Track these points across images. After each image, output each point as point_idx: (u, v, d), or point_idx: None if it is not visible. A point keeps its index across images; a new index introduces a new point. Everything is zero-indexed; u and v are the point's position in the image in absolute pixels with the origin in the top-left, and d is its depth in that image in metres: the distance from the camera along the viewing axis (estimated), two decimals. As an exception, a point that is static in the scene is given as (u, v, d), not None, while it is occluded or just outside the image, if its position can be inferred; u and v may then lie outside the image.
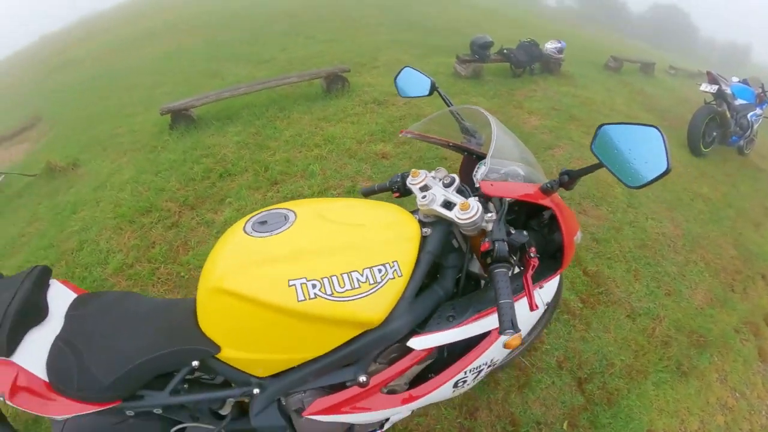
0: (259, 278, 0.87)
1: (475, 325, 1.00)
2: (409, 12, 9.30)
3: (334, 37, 7.25)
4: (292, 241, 0.92)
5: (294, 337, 0.90)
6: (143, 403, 1.00)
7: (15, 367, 0.96)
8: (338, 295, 0.85)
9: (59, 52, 11.50)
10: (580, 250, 2.50)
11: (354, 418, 1.03)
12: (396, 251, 0.94)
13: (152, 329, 1.01)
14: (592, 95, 5.12)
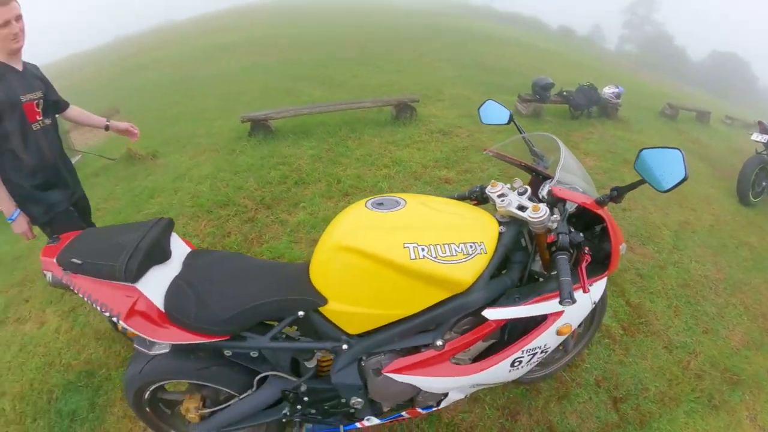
0: (379, 240, 1.12)
1: (537, 306, 1.24)
2: (471, 50, 9.74)
3: (401, 68, 7.81)
4: (404, 217, 1.19)
5: (396, 292, 1.13)
6: (244, 344, 1.21)
7: (137, 292, 1.14)
8: (441, 259, 1.11)
9: (136, 54, 12.69)
10: (624, 283, 2.73)
11: (424, 381, 1.26)
12: (482, 235, 1.20)
13: (264, 281, 1.23)
14: (646, 141, 5.27)
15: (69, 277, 1.18)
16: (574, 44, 20.16)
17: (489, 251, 1.19)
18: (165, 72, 9.11)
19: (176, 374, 1.33)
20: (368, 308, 1.17)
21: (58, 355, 2.43)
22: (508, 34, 14.98)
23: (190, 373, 1.31)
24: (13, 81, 1.77)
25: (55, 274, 1.21)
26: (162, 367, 1.31)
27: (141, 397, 1.43)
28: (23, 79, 1.83)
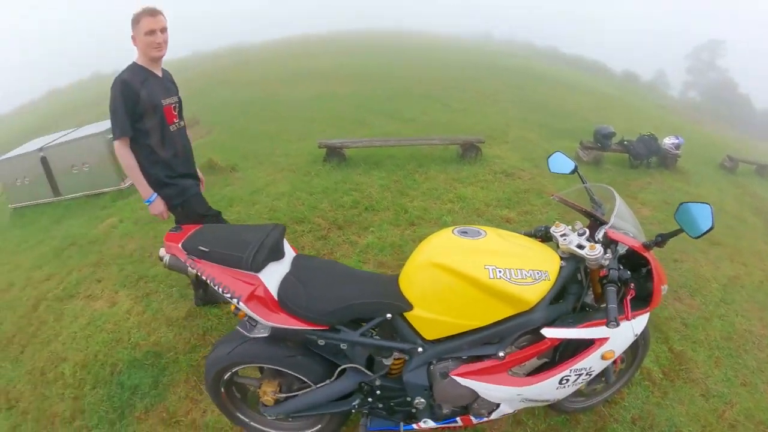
0: (464, 260, 1.37)
1: (586, 330, 1.43)
2: (535, 93, 10.00)
3: (467, 108, 8.15)
4: (485, 244, 1.44)
5: (473, 305, 1.37)
6: (338, 336, 1.42)
7: (258, 281, 1.37)
8: (513, 280, 1.34)
9: (214, 72, 13.83)
10: (669, 330, 2.77)
11: (483, 387, 1.46)
12: (547, 266, 1.42)
13: (361, 285, 1.48)
14: (703, 193, 5.22)
15: (193, 261, 1.42)
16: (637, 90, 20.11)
17: (551, 279, 1.41)
18: (244, 91, 9.81)
19: (264, 359, 1.53)
20: (446, 317, 1.39)
21: (127, 333, 2.73)
22: (572, 78, 15.24)
23: (277, 360, 1.51)
24: (155, 86, 2.12)
25: (179, 257, 1.45)
26: (253, 350, 1.51)
27: (220, 377, 1.65)
28: (163, 84, 2.18)
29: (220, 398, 1.75)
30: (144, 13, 2.00)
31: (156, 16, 2.02)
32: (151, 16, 2.00)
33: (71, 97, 19.04)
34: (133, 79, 2.01)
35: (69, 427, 2.21)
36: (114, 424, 2.18)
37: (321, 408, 1.62)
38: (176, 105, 2.25)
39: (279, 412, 1.62)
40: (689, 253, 3.71)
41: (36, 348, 2.83)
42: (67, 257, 3.72)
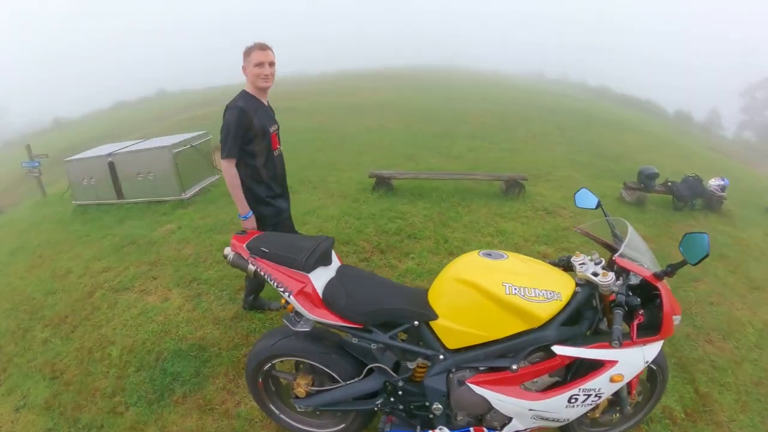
0: (486, 278, 1.55)
1: (595, 351, 1.53)
2: (587, 134, 10.12)
3: (515, 147, 8.36)
4: (506, 265, 1.63)
5: (490, 318, 1.52)
6: (370, 336, 1.61)
7: (308, 280, 1.60)
8: (527, 297, 1.49)
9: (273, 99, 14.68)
10: (696, 372, 2.69)
11: (496, 397, 1.57)
12: (560, 288, 1.55)
13: (394, 293, 1.68)
14: (747, 238, 5.06)
15: (254, 259, 1.67)
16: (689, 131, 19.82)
17: (563, 300, 1.54)
18: (301, 121, 10.48)
19: (302, 353, 1.73)
20: (467, 328, 1.56)
21: (176, 327, 2.93)
22: (622, 119, 15.31)
23: (313, 355, 1.72)
24: (264, 114, 2.37)
25: (242, 255, 1.70)
26: (293, 345, 1.73)
27: (260, 368, 1.85)
28: (269, 113, 2.45)
29: (256, 387, 1.92)
30: (255, 47, 2.28)
31: (265, 50, 2.29)
32: (261, 50, 2.28)
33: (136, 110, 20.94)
34: (248, 107, 2.27)
35: (109, 401, 2.40)
36: (152, 403, 2.33)
37: (347, 404, 1.77)
38: (277, 132, 2.52)
39: (309, 404, 1.78)
40: (726, 297, 3.60)
41: (87, 329, 3.06)
42: (126, 254, 4.05)
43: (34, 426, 2.30)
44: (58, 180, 7.88)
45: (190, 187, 5.36)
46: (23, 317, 3.34)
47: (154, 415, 2.26)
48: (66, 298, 3.51)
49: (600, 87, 30.39)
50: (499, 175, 5.38)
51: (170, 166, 5.04)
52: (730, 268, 4.06)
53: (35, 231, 5.15)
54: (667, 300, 1.57)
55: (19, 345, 3.02)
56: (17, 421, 2.35)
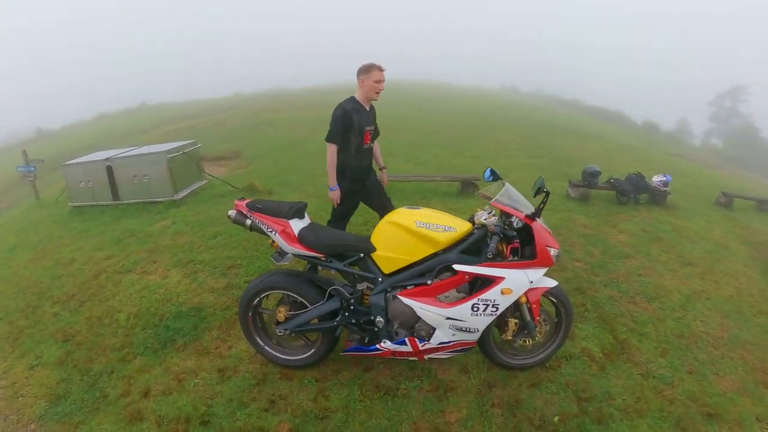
0: (405, 218, 2.35)
1: (485, 269, 2.26)
2: (548, 142, 11.28)
3: (478, 154, 9.40)
4: (420, 212, 2.41)
5: (409, 245, 2.30)
6: (330, 264, 2.38)
7: (288, 224, 2.37)
8: (430, 229, 2.28)
9: (256, 113, 15.72)
10: (616, 324, 3.28)
11: (418, 306, 2.29)
12: (454, 225, 2.34)
13: (348, 237, 2.49)
14: (688, 225, 5.76)
15: (251, 213, 2.42)
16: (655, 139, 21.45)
17: (457, 233, 2.31)
18: (282, 132, 11.48)
19: (282, 286, 2.46)
20: (396, 254, 2.35)
21: (176, 296, 3.55)
22: (588, 128, 16.72)
23: (290, 287, 2.46)
24: (363, 116, 3.20)
25: (243, 212, 2.44)
26: (275, 279, 2.47)
27: (250, 303, 2.52)
28: (367, 116, 3.25)
29: (246, 321, 2.57)
30: (376, 67, 3.12)
31: (382, 71, 3.16)
32: (380, 71, 3.14)
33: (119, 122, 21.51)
34: (351, 109, 3.12)
35: (118, 353, 2.98)
36: (157, 351, 2.89)
37: (315, 324, 2.46)
38: (372, 131, 3.35)
39: (287, 327, 2.47)
40: (656, 270, 4.24)
41: (94, 303, 3.63)
42: (126, 244, 4.64)
43: (48, 379, 2.82)
44: (50, 186, 8.36)
45: (182, 189, 6.06)
46: (32, 297, 3.88)
47: (159, 360, 2.81)
48: (72, 280, 4.02)
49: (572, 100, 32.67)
50: (455, 176, 6.39)
51: (165, 169, 5.67)
52: (664, 249, 4.77)
53: (33, 230, 5.67)
54: (539, 235, 2.28)
55: (30, 319, 3.54)
56: (31, 376, 2.87)
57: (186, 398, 2.46)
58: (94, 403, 2.55)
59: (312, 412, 2.33)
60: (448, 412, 2.39)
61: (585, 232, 5.00)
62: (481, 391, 2.53)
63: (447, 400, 2.46)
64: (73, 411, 2.51)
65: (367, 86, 3.13)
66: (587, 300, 3.58)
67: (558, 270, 4.03)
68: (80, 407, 2.53)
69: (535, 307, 2.44)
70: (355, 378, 2.55)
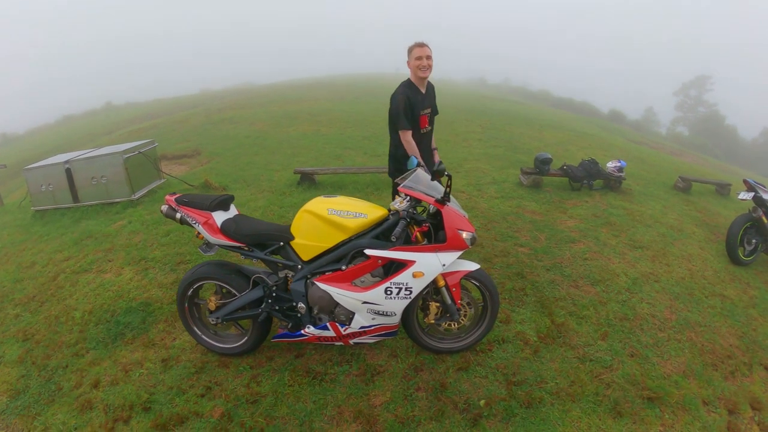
0: (318, 207, 2.75)
1: (395, 253, 2.59)
2: (506, 132, 12.05)
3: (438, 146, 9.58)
4: (335, 200, 2.80)
5: (322, 232, 2.69)
6: (251, 253, 2.81)
7: (210, 216, 2.83)
8: (341, 216, 2.67)
9: (219, 110, 16.46)
10: (554, 307, 3.62)
11: (335, 291, 2.65)
12: (366, 212, 2.70)
13: (269, 227, 2.85)
14: (643, 209, 6.19)
15: (179, 207, 2.86)
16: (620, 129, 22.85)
17: (368, 219, 2.66)
18: (242, 128, 12.26)
19: (212, 276, 2.88)
20: (312, 242, 2.73)
21: (127, 292, 4.06)
22: (548, 118, 17.65)
23: (219, 276, 2.87)
24: (418, 99, 3.43)
25: (172, 206, 2.89)
26: (205, 270, 2.90)
27: (186, 294, 2.97)
28: (424, 99, 3.48)
29: (183, 312, 3.03)
30: (415, 45, 3.36)
31: (423, 47, 3.34)
32: (420, 47, 3.35)
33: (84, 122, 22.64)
34: (407, 93, 3.39)
35: (72, 348, 3.49)
36: (108, 345, 3.39)
37: (243, 311, 2.89)
38: (429, 114, 3.57)
39: (218, 315, 2.91)
40: (604, 254, 4.58)
41: (53, 303, 4.14)
42: (84, 245, 5.20)
43: (9, 376, 3.31)
44: (13, 191, 8.94)
45: (139, 189, 6.64)
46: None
47: (109, 353, 3.31)
48: (33, 283, 4.54)
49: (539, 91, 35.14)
50: None
51: (121, 170, 6.23)
52: (614, 233, 5.16)
53: None
54: (449, 218, 2.63)
55: None
56: None
57: (131, 387, 2.93)
58: (49, 396, 3.04)
59: (244, 397, 2.76)
60: (373, 396, 2.76)
61: (533, 219, 5.41)
62: (407, 375, 2.90)
63: (373, 384, 2.84)
64: (31, 404, 2.99)
65: (412, 67, 3.39)
66: (527, 284, 3.95)
67: (500, 255, 4.43)
68: (37, 400, 3.02)
69: (455, 291, 2.77)
70: (287, 364, 2.99)
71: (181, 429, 2.54)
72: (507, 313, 3.52)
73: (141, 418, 2.66)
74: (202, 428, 2.53)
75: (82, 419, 2.76)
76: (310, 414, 2.65)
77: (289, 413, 2.65)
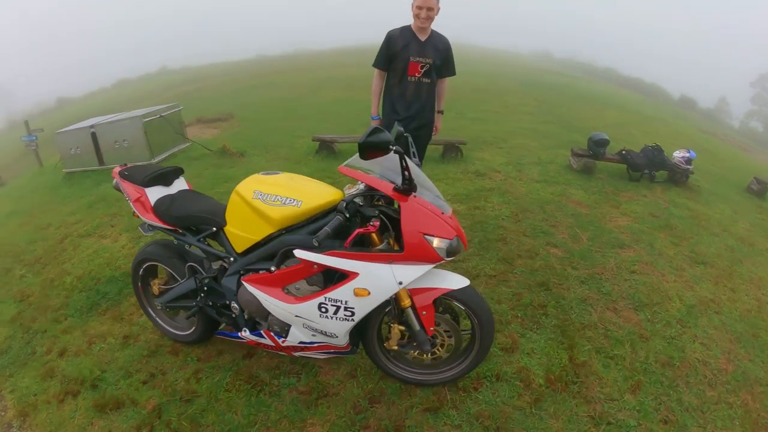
0: (246, 187, 2.15)
1: (331, 259, 1.85)
2: (564, 108, 11.15)
3: (480, 117, 9.51)
4: (271, 179, 2.22)
5: (249, 221, 2.09)
6: (184, 237, 2.44)
7: (143, 192, 2.48)
8: (267, 202, 2.04)
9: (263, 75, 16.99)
10: (579, 337, 2.85)
11: (263, 297, 2.07)
12: (306, 198, 1.99)
13: (208, 208, 2.40)
14: (709, 212, 5.30)
15: (120, 181, 2.66)
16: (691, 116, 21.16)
17: (301, 209, 1.98)
18: (279, 93, 12.65)
19: (156, 257, 2.67)
20: (241, 231, 2.18)
21: (116, 260, 4.18)
22: (612, 97, 16.54)
23: (162, 259, 2.64)
24: (412, 45, 3.34)
25: (116, 180, 2.70)
26: (151, 250, 2.68)
27: (137, 271, 2.84)
28: (419, 47, 3.35)
29: (138, 290, 2.93)
30: None
31: None
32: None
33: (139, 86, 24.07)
34: (398, 36, 3.35)
35: (54, 313, 3.59)
36: (83, 314, 3.48)
37: (181, 300, 2.62)
38: (425, 65, 3.39)
39: (160, 300, 2.72)
40: (657, 267, 3.76)
41: (53, 266, 4.34)
42: (96, 208, 5.49)
43: None
44: (54, 154, 9.69)
45: (160, 154, 6.90)
46: (8, 260, 4.80)
47: (82, 322, 3.38)
48: (43, 244, 4.81)
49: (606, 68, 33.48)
50: (436, 139, 6.03)
51: (141, 134, 6.41)
52: (673, 240, 4.31)
53: (30, 197, 6.84)
54: (408, 217, 1.82)
55: (1, 281, 4.38)
56: None
57: (89, 361, 2.93)
58: (24, 359, 3.14)
59: (180, 393, 2.54)
60: (310, 424, 2.29)
61: (577, 211, 4.69)
62: (358, 405, 2.36)
63: (315, 408, 2.37)
64: (8, 365, 3.11)
65: (413, 14, 3.32)
66: (550, 300, 3.27)
67: (525, 256, 3.75)
68: (14, 362, 3.13)
69: (426, 315, 2.04)
70: (233, 364, 2.70)
71: (115, 414, 2.46)
72: (514, 338, 2.82)
73: (87, 395, 2.64)
74: (132, 418, 2.42)
75: (41, 386, 2.80)
76: (235, 429, 2.30)
77: (216, 423, 2.34)
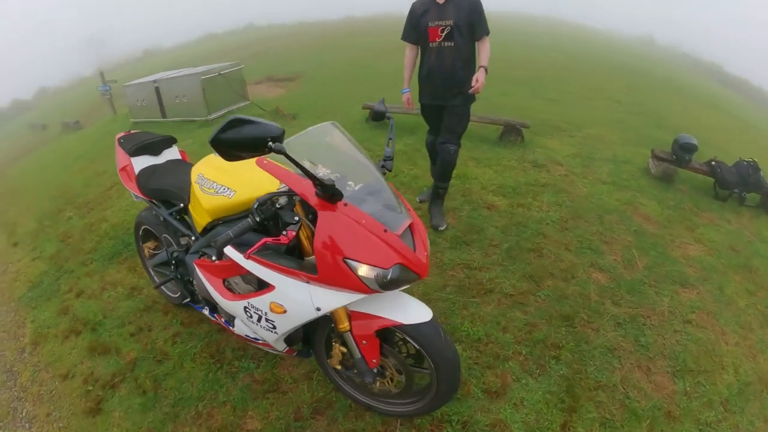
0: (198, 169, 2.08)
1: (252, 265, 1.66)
2: (656, 101, 9.71)
3: (558, 98, 8.55)
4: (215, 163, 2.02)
5: (196, 204, 2.02)
6: (158, 211, 2.47)
7: (129, 160, 2.59)
8: (202, 188, 1.96)
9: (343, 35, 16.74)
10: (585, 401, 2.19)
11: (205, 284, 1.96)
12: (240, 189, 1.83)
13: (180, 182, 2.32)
14: None
15: (116, 146, 2.79)
16: None
17: (234, 200, 1.83)
18: (350, 54, 12.67)
19: (148, 222, 2.72)
20: (194, 212, 2.12)
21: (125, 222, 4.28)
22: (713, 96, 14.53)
23: (151, 225, 2.68)
24: (431, 11, 3.16)
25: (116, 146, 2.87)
26: (145, 215, 2.74)
27: (138, 233, 2.93)
28: (438, 10, 3.14)
29: (139, 248, 3.01)
30: None
31: None
32: None
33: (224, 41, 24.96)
34: (418, 5, 3.25)
35: (85, 256, 3.89)
36: (105, 260, 3.73)
37: (162, 267, 2.72)
38: (445, 28, 3.15)
39: (149, 263, 2.87)
40: (719, 320, 2.86)
41: (97, 211, 4.67)
42: None
43: (37, 270, 3.90)
44: None
45: (217, 111, 7.11)
46: (62, 202, 5.36)
47: (102, 268, 3.62)
48: (94, 189, 5.22)
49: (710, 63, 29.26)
50: (495, 119, 5.58)
51: (199, 91, 6.59)
52: (749, 287, 3.33)
53: (100, 142, 7.42)
54: (325, 231, 1.47)
55: (52, 220, 4.93)
56: (30, 266, 4.03)
57: (97, 305, 3.13)
58: (50, 294, 3.47)
59: (155, 352, 2.61)
60: (249, 416, 2.19)
61: (642, 228, 3.84)
62: (300, 411, 2.17)
63: (260, 402, 2.24)
64: (37, 298, 3.47)
65: None
66: (568, 341, 2.57)
67: (558, 277, 3.05)
68: (42, 296, 3.48)
69: (367, 346, 1.73)
70: (207, 334, 2.69)
71: (100, 358, 2.62)
72: (505, 380, 2.29)
73: (86, 336, 2.83)
74: (111, 365, 2.55)
75: (55, 321, 3.08)
76: (185, 400, 2.27)
77: (173, 389, 2.35)
